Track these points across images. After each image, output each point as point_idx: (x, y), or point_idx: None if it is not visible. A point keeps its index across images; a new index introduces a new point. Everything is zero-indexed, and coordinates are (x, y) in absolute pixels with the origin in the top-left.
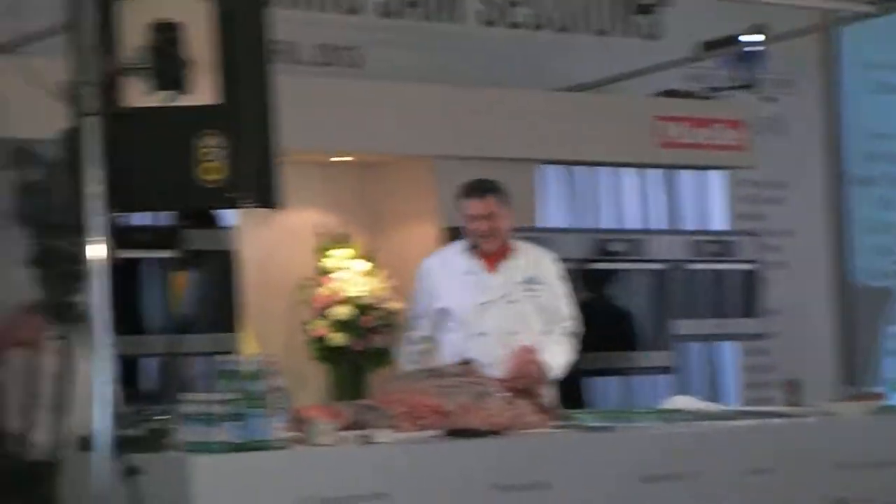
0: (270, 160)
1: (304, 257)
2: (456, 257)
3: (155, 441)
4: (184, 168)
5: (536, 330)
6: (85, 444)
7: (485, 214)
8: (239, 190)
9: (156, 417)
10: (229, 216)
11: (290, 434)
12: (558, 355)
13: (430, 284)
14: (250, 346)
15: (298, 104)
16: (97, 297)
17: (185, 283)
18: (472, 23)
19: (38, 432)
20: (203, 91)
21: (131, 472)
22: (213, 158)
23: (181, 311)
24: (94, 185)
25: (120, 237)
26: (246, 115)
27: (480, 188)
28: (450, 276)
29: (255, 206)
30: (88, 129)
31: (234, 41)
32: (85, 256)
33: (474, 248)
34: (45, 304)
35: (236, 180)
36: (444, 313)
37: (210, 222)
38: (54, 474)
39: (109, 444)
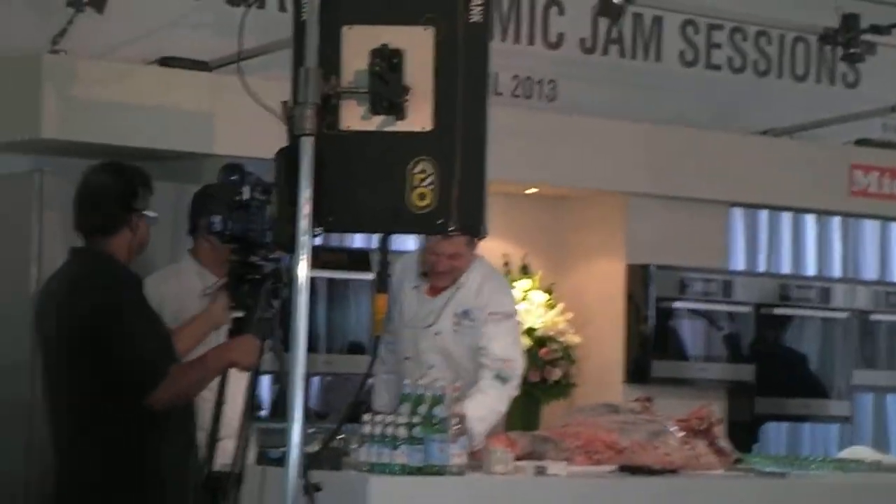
0: (480, 189)
1: None
2: (416, 267)
3: (335, 459)
4: (395, 193)
5: (467, 369)
6: (265, 458)
7: (449, 253)
8: (447, 217)
9: (337, 437)
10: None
11: (467, 461)
12: (479, 406)
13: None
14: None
15: (494, 135)
16: (298, 315)
17: (384, 306)
18: (670, 62)
19: (224, 445)
20: (418, 117)
21: (313, 489)
22: (424, 184)
23: (379, 332)
24: (305, 204)
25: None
26: (459, 143)
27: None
28: (402, 285)
29: (462, 234)
30: (304, 150)
31: (453, 70)
32: (285, 274)
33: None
34: (248, 321)
35: (445, 207)
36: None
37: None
38: (236, 487)
39: (298, 460)
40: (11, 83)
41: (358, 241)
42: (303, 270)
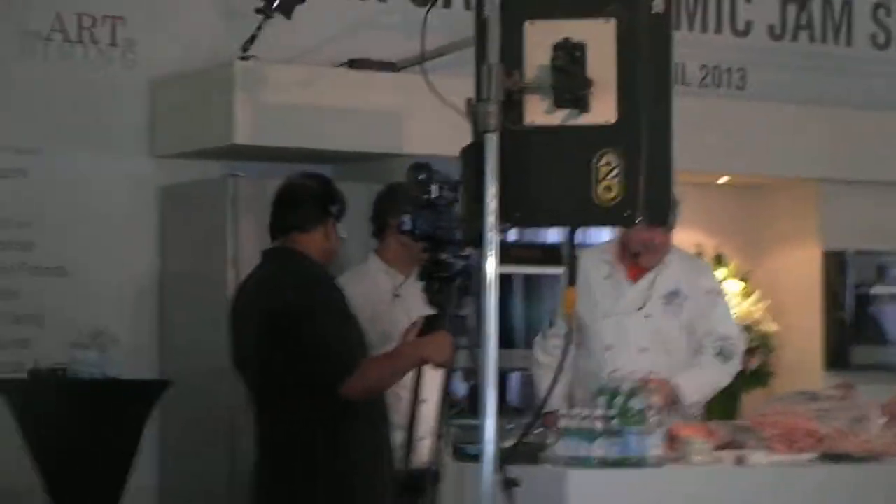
0: (666, 180)
1: None
2: (602, 258)
3: (532, 454)
4: (581, 186)
5: (679, 348)
6: (462, 455)
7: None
8: (635, 209)
9: (534, 431)
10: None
11: (666, 452)
12: (697, 378)
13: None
14: None
15: (683, 125)
16: (488, 311)
17: (575, 300)
18: (861, 46)
19: (421, 444)
20: (603, 110)
21: (511, 484)
22: (610, 177)
23: (570, 328)
24: (492, 200)
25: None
26: (644, 134)
27: None
28: (589, 278)
29: (649, 225)
30: (489, 146)
31: (637, 61)
32: (473, 271)
33: (620, 256)
34: (441, 318)
35: (632, 199)
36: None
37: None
38: (435, 484)
39: (494, 456)
40: (205, 92)
41: (552, 236)
42: (491, 267)
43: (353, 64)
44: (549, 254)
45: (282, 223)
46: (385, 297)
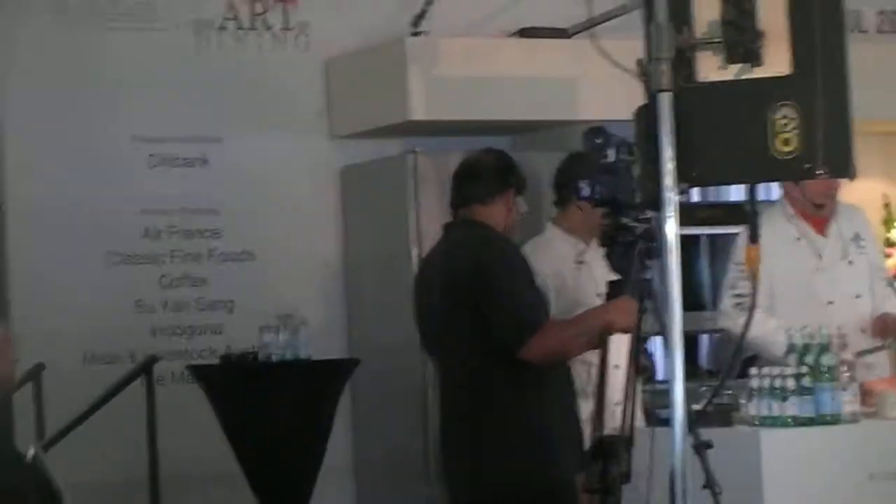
0: (845, 130)
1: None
2: (780, 223)
3: (724, 416)
4: (758, 141)
5: (872, 289)
6: (654, 419)
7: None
8: (814, 160)
9: (725, 392)
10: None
11: (861, 408)
12: None
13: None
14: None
15: (862, 73)
16: (670, 274)
17: (758, 257)
18: None
19: (616, 409)
20: (776, 62)
21: (704, 446)
22: (787, 130)
23: (755, 287)
24: (668, 161)
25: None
26: (820, 84)
27: None
28: (778, 242)
29: (831, 177)
30: (662, 106)
31: (809, 10)
32: (655, 234)
33: (807, 211)
34: (624, 283)
35: (811, 151)
36: (772, 282)
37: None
38: (627, 449)
39: (684, 419)
40: (379, 69)
41: (735, 193)
42: (671, 228)
43: (524, 33)
44: (733, 212)
45: (462, 196)
46: (569, 265)
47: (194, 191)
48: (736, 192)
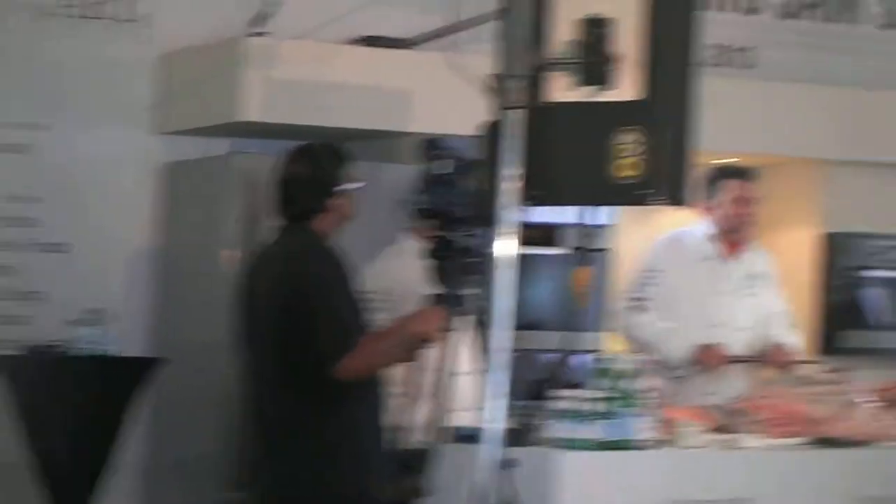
0: (686, 159)
1: None
2: (692, 241)
3: (526, 435)
4: (598, 164)
5: (765, 326)
6: (459, 435)
7: (755, 198)
8: (657, 187)
9: (527, 412)
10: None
11: (659, 435)
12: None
13: (660, 267)
14: (617, 344)
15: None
16: (502, 292)
17: (587, 279)
18: (869, 25)
19: (417, 423)
20: (626, 87)
21: (509, 464)
22: (629, 155)
23: (582, 307)
24: (511, 179)
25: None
26: (666, 112)
27: (750, 171)
28: (684, 260)
29: (666, 205)
30: (511, 123)
31: (661, 39)
32: (482, 250)
33: (720, 234)
34: (444, 297)
35: (651, 177)
36: (671, 300)
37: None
38: (430, 464)
39: (498, 437)
40: (215, 68)
41: (548, 215)
42: (510, 246)
43: (366, 41)
44: (546, 233)
45: (284, 214)
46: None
47: (17, 178)
48: (549, 214)
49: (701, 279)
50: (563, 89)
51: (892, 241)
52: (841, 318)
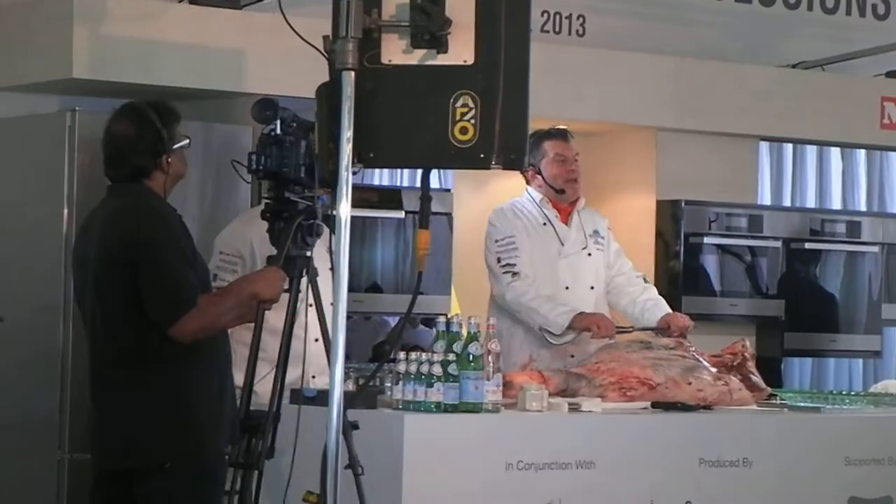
0: (522, 123)
1: None
2: (527, 207)
3: (370, 398)
4: (437, 127)
5: (605, 283)
6: (300, 397)
7: (574, 157)
8: (490, 151)
9: (368, 374)
10: (446, 180)
11: (500, 398)
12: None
13: (510, 233)
14: (456, 308)
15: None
16: (339, 254)
17: (426, 242)
18: None
19: (261, 385)
20: (461, 51)
21: (351, 427)
22: (466, 119)
23: (420, 270)
24: (346, 140)
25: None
26: (501, 76)
27: (565, 131)
28: (526, 226)
29: (504, 168)
30: (344, 84)
31: (495, 3)
32: (318, 211)
33: (550, 198)
34: (280, 258)
35: (487, 141)
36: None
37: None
38: (273, 425)
39: (340, 399)
40: (43, 23)
41: (382, 178)
42: (345, 208)
43: (195, 0)
44: (386, 196)
45: (115, 176)
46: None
47: None
48: (381, 177)
49: (543, 243)
50: (398, 52)
51: (726, 209)
52: (680, 284)
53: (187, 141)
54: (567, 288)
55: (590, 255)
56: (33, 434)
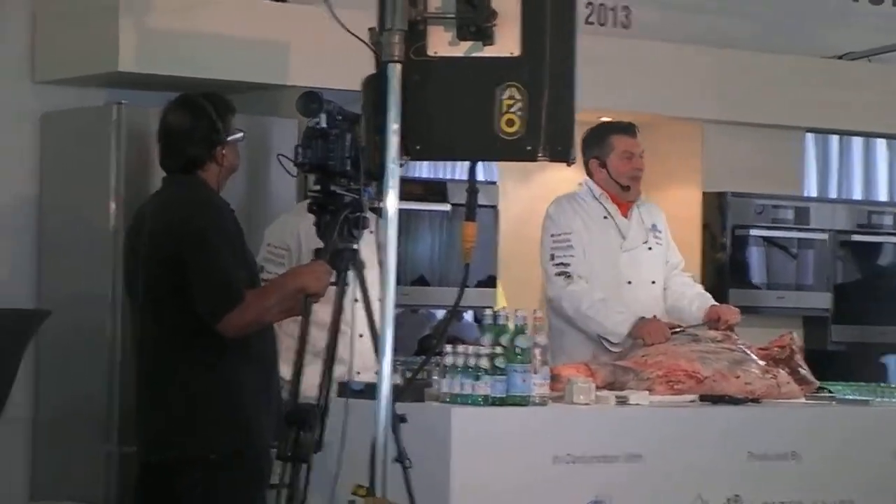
0: (569, 115)
1: None
2: (587, 202)
3: (418, 391)
4: (483, 119)
5: (662, 278)
6: (347, 390)
7: (641, 153)
8: (536, 143)
9: (416, 368)
10: (491, 172)
11: (549, 391)
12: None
13: (567, 229)
14: (502, 301)
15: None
16: (387, 246)
17: (473, 235)
18: None
19: (308, 378)
20: (507, 43)
21: (398, 420)
22: (513, 111)
23: (467, 262)
24: (393, 133)
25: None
26: (547, 68)
27: (633, 126)
28: (586, 220)
29: (551, 160)
30: (391, 76)
31: None
32: (365, 204)
33: (611, 191)
34: (326, 252)
35: (534, 133)
36: (588, 256)
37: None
38: (321, 418)
39: (388, 393)
40: (89, 16)
41: (424, 170)
42: (392, 200)
43: None
44: (432, 189)
45: (170, 166)
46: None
47: None
48: (424, 169)
49: (604, 238)
50: (444, 44)
51: (773, 201)
52: (727, 277)
53: (241, 134)
54: (629, 283)
55: (650, 249)
56: (82, 427)
